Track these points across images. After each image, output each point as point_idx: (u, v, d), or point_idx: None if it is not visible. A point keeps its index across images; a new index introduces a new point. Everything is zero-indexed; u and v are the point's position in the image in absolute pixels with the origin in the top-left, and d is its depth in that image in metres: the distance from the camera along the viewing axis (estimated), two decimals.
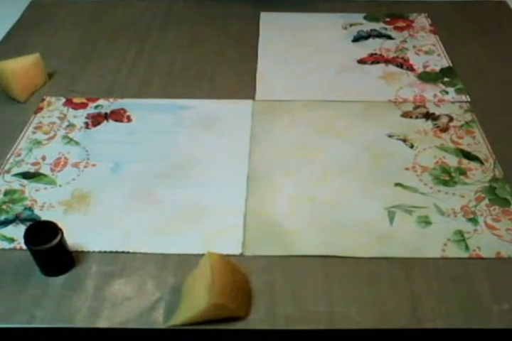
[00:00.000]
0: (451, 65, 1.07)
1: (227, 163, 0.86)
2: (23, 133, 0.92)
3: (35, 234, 0.67)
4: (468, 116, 0.95)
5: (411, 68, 1.07)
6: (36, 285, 0.69)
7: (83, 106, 0.98)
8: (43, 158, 0.87)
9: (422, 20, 1.21)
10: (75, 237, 0.73)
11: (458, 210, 0.78)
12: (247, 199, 0.80)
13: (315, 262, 0.72)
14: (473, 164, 0.86)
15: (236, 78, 1.04)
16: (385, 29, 1.18)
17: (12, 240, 0.75)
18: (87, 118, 0.95)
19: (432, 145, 0.89)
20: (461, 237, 0.75)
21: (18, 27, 1.19)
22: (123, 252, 0.73)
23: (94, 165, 0.86)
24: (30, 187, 0.82)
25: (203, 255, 0.68)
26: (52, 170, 0.85)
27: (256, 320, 0.66)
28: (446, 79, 1.04)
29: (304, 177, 0.84)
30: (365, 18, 1.22)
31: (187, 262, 0.71)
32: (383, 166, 0.86)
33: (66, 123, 0.94)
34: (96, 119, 0.95)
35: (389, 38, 1.16)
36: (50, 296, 0.68)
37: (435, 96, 1.00)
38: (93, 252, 0.73)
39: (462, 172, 0.84)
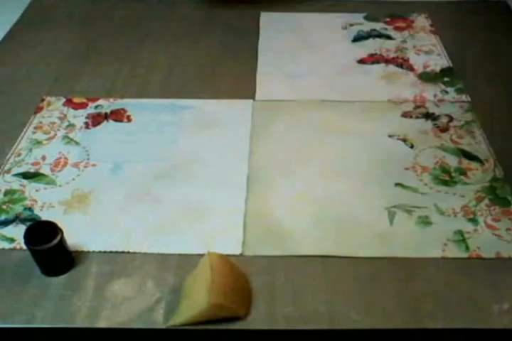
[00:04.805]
0: (451, 65, 1.07)
1: (227, 163, 0.86)
2: (23, 133, 0.92)
3: (35, 234, 0.67)
4: (468, 116, 0.95)
5: (411, 68, 1.07)
6: (36, 285, 0.69)
7: (83, 106, 0.98)
8: (43, 158, 0.87)
9: (422, 20, 1.21)
10: (75, 237, 0.73)
11: (458, 210, 0.78)
12: (247, 199, 0.80)
13: (315, 262, 0.72)
14: (473, 164, 0.86)
15: (236, 78, 1.04)
16: (385, 29, 1.18)
17: (12, 240, 0.75)
18: (87, 118, 0.95)
19: (432, 145, 0.89)
20: (461, 237, 0.75)
21: (18, 27, 1.19)
22: (123, 252, 0.73)
23: (94, 165, 0.86)
24: (30, 187, 0.82)
25: (203, 255, 0.68)
26: (52, 170, 0.85)
27: (256, 320, 0.66)
28: (446, 79, 1.04)
29: (303, 177, 0.84)
30: (365, 18, 1.22)
31: (187, 262, 0.71)
32: (383, 166, 0.86)
33: (66, 123, 0.94)
34: (96, 119, 0.95)
35: (389, 38, 1.16)
36: (50, 296, 0.68)
37: (435, 96, 1.00)
38: (93, 252, 0.73)
39: (462, 172, 0.84)
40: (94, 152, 0.89)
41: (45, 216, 0.77)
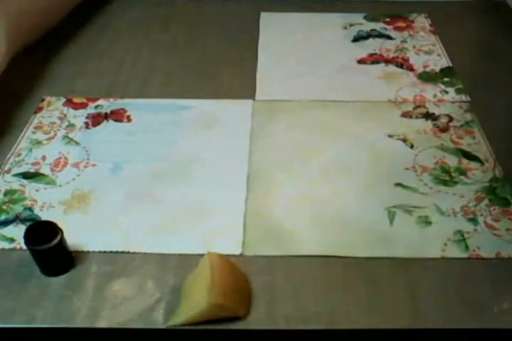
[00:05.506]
0: (451, 65, 1.07)
1: (227, 162, 0.86)
2: (23, 133, 0.92)
3: (35, 234, 0.67)
4: (468, 116, 0.95)
5: (411, 68, 1.07)
6: (36, 285, 0.69)
7: (83, 106, 0.98)
8: (43, 158, 0.87)
9: (422, 20, 1.21)
10: (75, 237, 0.73)
11: (458, 210, 0.78)
12: (247, 199, 0.80)
13: (315, 262, 0.72)
14: (473, 164, 0.86)
15: (236, 78, 1.04)
16: (385, 29, 1.18)
17: (12, 240, 0.75)
18: (87, 118, 0.95)
19: (432, 145, 0.89)
20: (461, 237, 0.75)
21: None
22: (123, 252, 0.73)
23: (94, 165, 0.86)
24: (30, 187, 0.82)
25: (203, 255, 0.68)
26: (52, 170, 0.85)
27: (256, 320, 0.66)
28: (446, 79, 1.04)
29: (303, 177, 0.84)
30: (365, 18, 1.22)
31: (187, 262, 0.71)
32: (383, 166, 0.86)
33: (66, 123, 0.94)
34: (96, 119, 0.95)
35: (389, 38, 1.16)
36: (50, 296, 0.68)
37: (435, 96, 1.00)
38: (93, 252, 0.73)
39: (462, 172, 0.84)
40: (94, 152, 0.89)
41: (45, 216, 0.77)
